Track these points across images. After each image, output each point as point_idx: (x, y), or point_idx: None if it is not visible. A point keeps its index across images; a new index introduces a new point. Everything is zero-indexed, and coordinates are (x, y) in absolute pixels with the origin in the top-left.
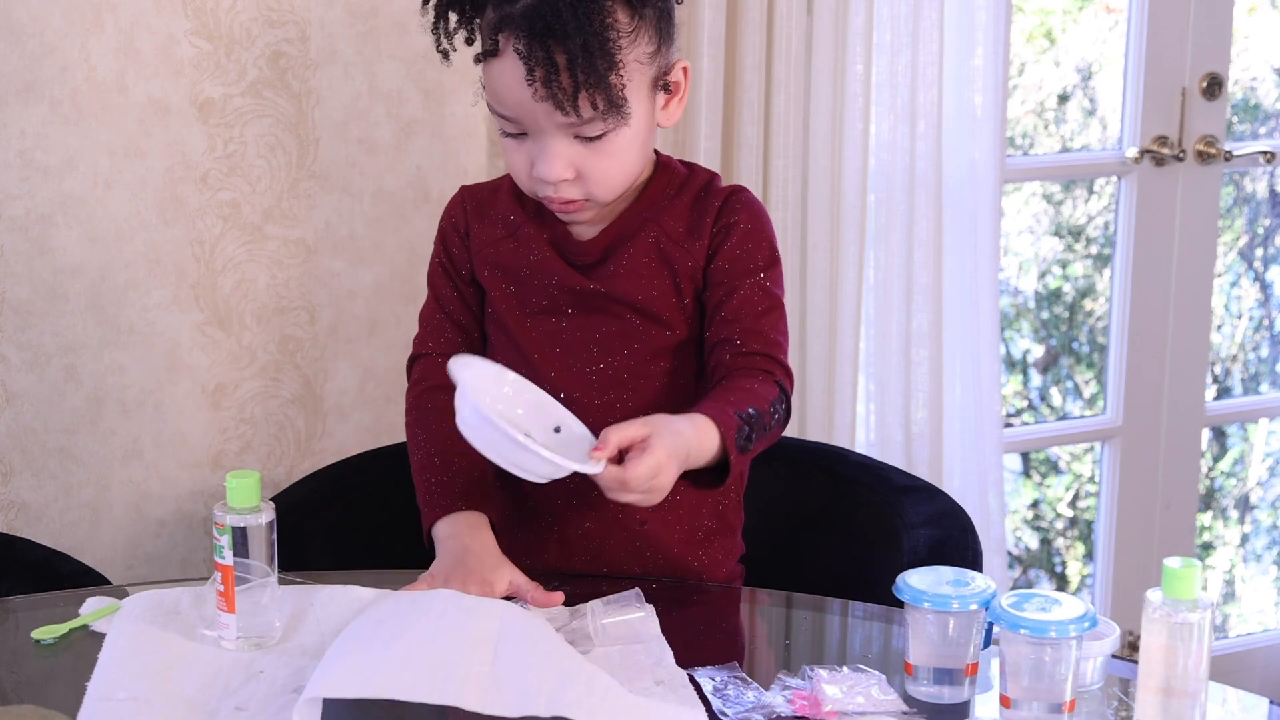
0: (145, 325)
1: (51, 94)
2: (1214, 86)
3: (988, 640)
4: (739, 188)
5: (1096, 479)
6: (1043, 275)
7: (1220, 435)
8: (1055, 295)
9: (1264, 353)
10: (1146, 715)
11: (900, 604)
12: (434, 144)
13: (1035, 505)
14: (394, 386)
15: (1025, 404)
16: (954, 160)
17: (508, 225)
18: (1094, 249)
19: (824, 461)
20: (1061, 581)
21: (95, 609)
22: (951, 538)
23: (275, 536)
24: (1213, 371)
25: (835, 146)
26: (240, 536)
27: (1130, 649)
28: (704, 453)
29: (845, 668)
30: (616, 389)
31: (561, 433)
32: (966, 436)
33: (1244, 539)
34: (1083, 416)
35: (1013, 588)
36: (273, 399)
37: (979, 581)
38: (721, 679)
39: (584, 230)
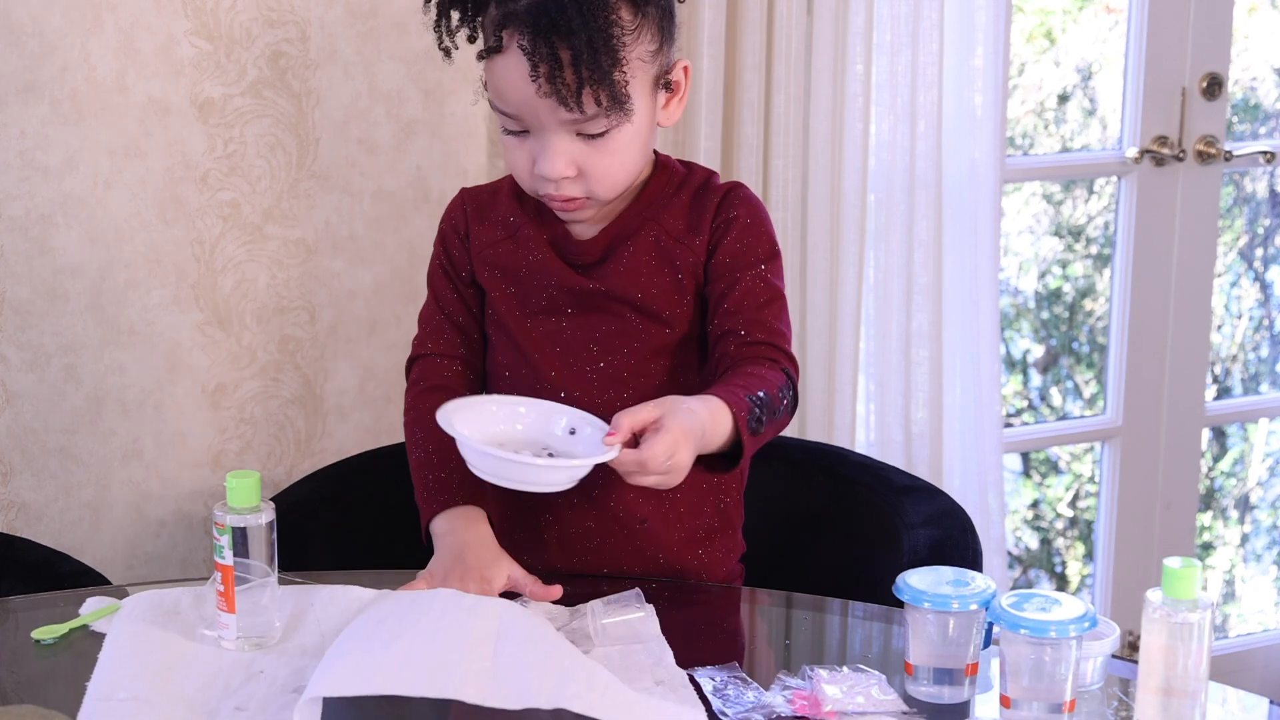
0: (145, 325)
1: (51, 94)
2: (1214, 86)
3: (988, 640)
4: (737, 184)
5: (1096, 479)
6: (1043, 275)
7: (1220, 435)
8: (1055, 295)
9: (1264, 353)
10: (1146, 715)
11: (900, 604)
12: (434, 144)
13: (1035, 505)
14: (394, 387)
15: (1025, 404)
16: (954, 160)
17: (507, 226)
18: (1094, 249)
19: (824, 461)
20: (1061, 581)
21: (95, 609)
22: (951, 538)
23: (275, 536)
24: (1213, 371)
25: (835, 146)
26: (240, 536)
27: (1130, 649)
28: (717, 434)
29: (845, 668)
30: (617, 387)
31: (576, 434)
32: (966, 436)
33: (1244, 539)
34: (1083, 416)
35: (1013, 588)
36: (273, 399)
37: (979, 581)
38: (721, 679)
39: (584, 230)
